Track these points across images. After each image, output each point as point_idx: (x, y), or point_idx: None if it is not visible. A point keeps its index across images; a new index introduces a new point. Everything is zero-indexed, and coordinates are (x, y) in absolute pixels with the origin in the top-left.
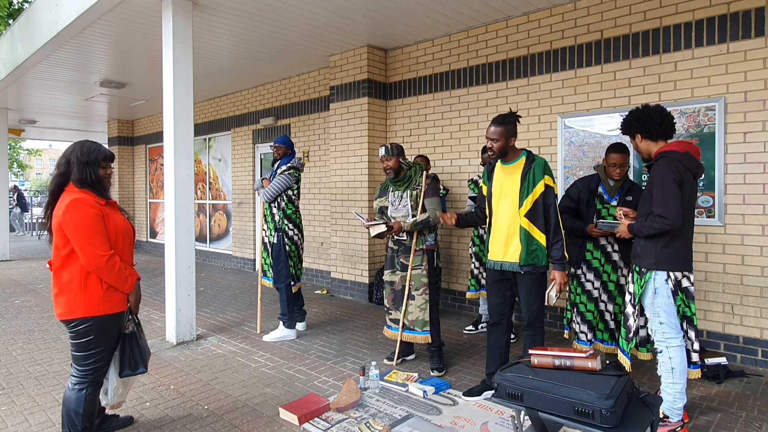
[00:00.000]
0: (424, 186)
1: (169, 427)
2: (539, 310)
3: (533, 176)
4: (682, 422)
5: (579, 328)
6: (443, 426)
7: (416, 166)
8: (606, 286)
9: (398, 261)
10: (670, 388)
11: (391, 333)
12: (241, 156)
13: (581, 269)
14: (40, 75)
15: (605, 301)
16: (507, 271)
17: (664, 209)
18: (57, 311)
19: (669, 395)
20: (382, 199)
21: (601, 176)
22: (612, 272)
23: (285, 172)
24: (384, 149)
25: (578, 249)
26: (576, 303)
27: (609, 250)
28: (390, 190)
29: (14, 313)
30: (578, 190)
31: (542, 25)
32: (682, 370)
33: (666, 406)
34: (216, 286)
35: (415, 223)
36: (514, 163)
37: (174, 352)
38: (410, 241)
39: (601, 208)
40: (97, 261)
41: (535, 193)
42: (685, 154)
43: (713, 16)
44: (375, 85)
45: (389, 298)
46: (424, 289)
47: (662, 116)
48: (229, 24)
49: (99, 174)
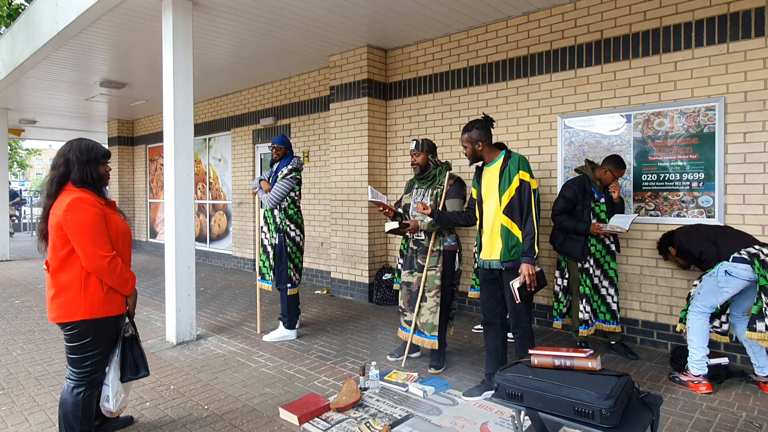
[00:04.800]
0: (447, 186)
1: (169, 427)
2: (524, 309)
3: (509, 173)
4: (704, 377)
5: (586, 316)
6: (443, 426)
7: (443, 165)
8: (606, 273)
9: (416, 262)
10: (689, 344)
11: (405, 335)
12: (241, 156)
13: (588, 262)
14: (40, 75)
15: (606, 286)
16: (495, 269)
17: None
18: (53, 314)
19: (690, 350)
20: (407, 196)
21: (590, 177)
22: (611, 260)
23: (287, 176)
24: (414, 143)
25: (582, 245)
26: (586, 294)
27: (607, 242)
28: (415, 186)
29: (14, 313)
30: (575, 192)
31: (542, 25)
32: (694, 330)
33: (689, 359)
34: (216, 286)
35: (432, 223)
36: (494, 164)
37: (174, 352)
38: (428, 242)
39: (594, 206)
40: (100, 262)
41: (511, 189)
42: None
43: (713, 16)
44: (375, 85)
45: (405, 299)
46: (437, 291)
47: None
48: (229, 24)
49: (100, 172)
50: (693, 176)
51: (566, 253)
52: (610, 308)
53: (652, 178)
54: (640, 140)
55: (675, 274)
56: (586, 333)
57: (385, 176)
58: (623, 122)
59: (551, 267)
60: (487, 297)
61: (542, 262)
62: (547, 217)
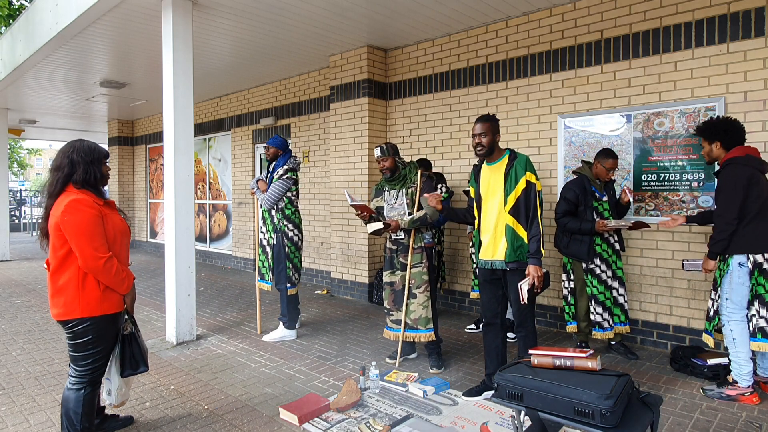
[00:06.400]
0: (420, 184)
1: (169, 427)
2: (529, 309)
3: (515, 173)
4: (752, 389)
5: (599, 318)
6: (443, 426)
7: (411, 164)
8: (615, 273)
9: (397, 261)
10: (734, 357)
11: (393, 335)
12: (241, 156)
13: (594, 263)
14: (40, 75)
15: (616, 287)
16: (497, 269)
17: (723, 211)
18: (54, 312)
19: (735, 363)
20: (378, 200)
21: (589, 177)
22: (618, 259)
23: (282, 177)
24: (380, 150)
25: (588, 245)
26: (594, 295)
27: (612, 241)
28: (386, 189)
29: (14, 313)
30: (576, 193)
31: (542, 25)
32: (742, 341)
33: (734, 372)
34: (216, 286)
35: (413, 220)
36: (498, 163)
37: (174, 352)
38: (408, 240)
39: (597, 205)
40: (95, 263)
41: (517, 190)
42: (746, 157)
43: (713, 16)
44: (375, 85)
45: (389, 299)
46: (425, 286)
47: (742, 131)
48: (229, 24)
49: (102, 172)
50: (693, 176)
51: (572, 254)
52: (623, 309)
53: (652, 178)
54: (640, 140)
55: (675, 274)
56: (600, 336)
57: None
58: (623, 122)
59: (558, 269)
60: (488, 297)
61: (547, 264)
62: (549, 217)
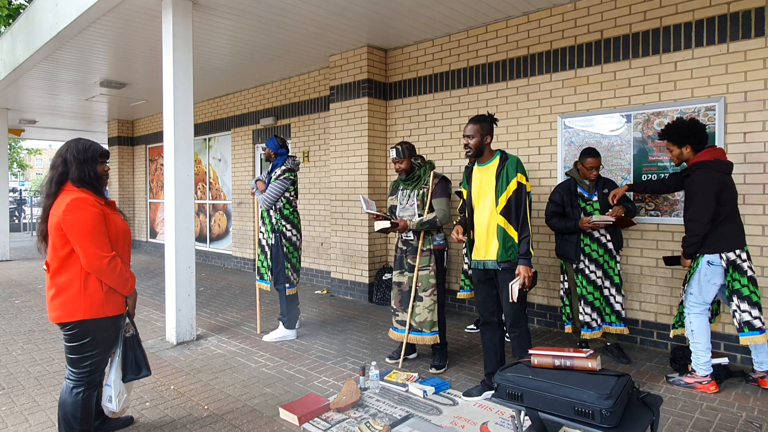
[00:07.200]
0: (432, 186)
1: (169, 427)
2: (521, 308)
3: (506, 174)
4: (710, 378)
5: (587, 318)
6: (443, 426)
7: (426, 165)
8: (607, 273)
9: (406, 262)
10: (693, 347)
11: (397, 335)
12: (241, 156)
13: (583, 263)
14: (40, 75)
15: (608, 286)
16: (490, 269)
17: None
18: (53, 314)
19: (693, 353)
20: (392, 198)
21: (576, 178)
22: (610, 259)
23: (280, 177)
24: (395, 152)
25: (575, 245)
26: (583, 295)
27: (603, 241)
28: (400, 188)
29: (14, 313)
30: (560, 195)
31: (542, 25)
32: (700, 332)
33: (693, 362)
34: (216, 286)
35: (422, 222)
36: (489, 164)
37: (174, 352)
38: (417, 241)
39: (585, 206)
40: (99, 262)
41: (508, 191)
42: (715, 162)
43: (713, 16)
44: (375, 85)
45: (396, 299)
46: (432, 290)
47: (705, 130)
48: (229, 24)
49: (97, 171)
50: None
51: (562, 255)
52: (614, 309)
53: (652, 178)
54: (640, 140)
55: (675, 274)
56: (589, 336)
57: (385, 176)
58: (623, 122)
59: (552, 268)
60: (483, 297)
61: (547, 264)
62: (540, 217)
